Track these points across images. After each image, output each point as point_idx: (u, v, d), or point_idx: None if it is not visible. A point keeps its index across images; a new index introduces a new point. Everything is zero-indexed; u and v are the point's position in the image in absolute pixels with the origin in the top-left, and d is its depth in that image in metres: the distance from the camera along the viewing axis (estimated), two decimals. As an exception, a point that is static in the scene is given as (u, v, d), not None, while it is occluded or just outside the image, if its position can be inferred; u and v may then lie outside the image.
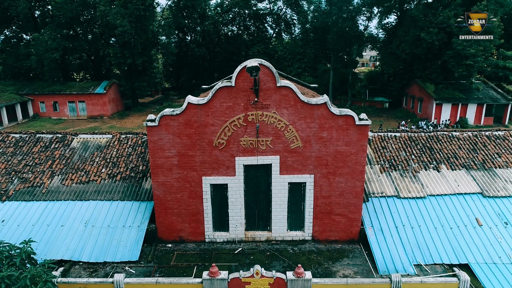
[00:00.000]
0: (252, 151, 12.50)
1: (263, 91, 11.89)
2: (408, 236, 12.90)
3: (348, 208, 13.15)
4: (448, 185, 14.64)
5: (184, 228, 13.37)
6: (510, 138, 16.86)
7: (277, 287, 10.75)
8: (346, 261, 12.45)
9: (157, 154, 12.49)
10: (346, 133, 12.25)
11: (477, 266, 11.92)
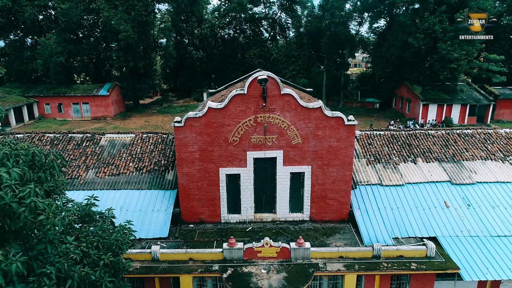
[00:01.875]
0: (261, 147, 15.23)
1: (270, 97, 14.62)
2: (388, 216, 15.72)
3: (339, 194, 15.93)
4: (422, 175, 17.50)
5: (204, 211, 16.06)
6: (477, 136, 19.78)
7: (282, 254, 13.49)
8: (338, 236, 15.23)
9: (182, 149, 15.17)
10: (337, 131, 15.03)
11: (443, 238, 14.76)
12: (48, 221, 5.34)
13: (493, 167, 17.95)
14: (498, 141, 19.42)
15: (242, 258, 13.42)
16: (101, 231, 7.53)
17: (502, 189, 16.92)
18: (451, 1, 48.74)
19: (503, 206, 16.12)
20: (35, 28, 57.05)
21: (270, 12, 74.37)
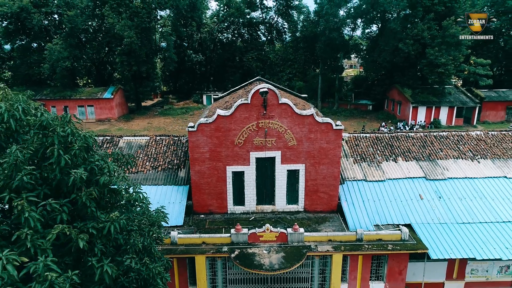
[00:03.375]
0: (262, 148, 17.84)
1: (270, 106, 17.23)
2: (371, 206, 18.37)
3: (329, 188, 18.57)
4: (401, 172, 20.18)
5: (213, 203, 18.66)
6: (451, 138, 22.49)
7: (281, 238, 16.11)
8: (327, 223, 17.87)
9: (195, 150, 17.75)
10: (326, 134, 17.66)
11: (416, 225, 17.43)
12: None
13: (463, 165, 20.67)
14: (469, 143, 22.15)
15: (247, 241, 16.02)
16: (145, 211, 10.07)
17: (470, 184, 19.64)
18: (438, 9, 51.62)
19: (469, 198, 18.84)
20: (42, 34, 59.32)
21: (267, 17, 76.99)
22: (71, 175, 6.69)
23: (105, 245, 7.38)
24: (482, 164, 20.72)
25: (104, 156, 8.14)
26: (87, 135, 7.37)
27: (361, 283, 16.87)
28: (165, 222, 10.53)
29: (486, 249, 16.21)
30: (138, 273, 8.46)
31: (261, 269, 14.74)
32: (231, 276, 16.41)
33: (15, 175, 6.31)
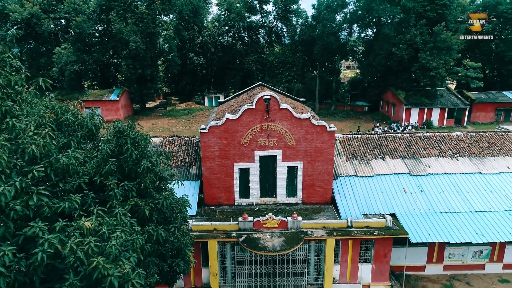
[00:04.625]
0: (265, 147, 20.35)
1: (272, 111, 19.75)
2: (360, 198, 20.90)
3: (324, 182, 21.09)
4: (388, 168, 22.73)
5: (221, 196, 21.16)
6: (434, 138, 25.05)
7: (282, 225, 18.60)
8: (322, 213, 20.39)
9: (206, 149, 20.26)
10: (321, 135, 20.18)
11: (399, 214, 19.96)
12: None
13: (443, 162, 23.23)
14: (450, 142, 24.71)
15: (252, 228, 18.52)
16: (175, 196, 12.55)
17: (448, 179, 22.19)
18: (430, 15, 54.21)
19: (447, 191, 21.39)
20: (51, 39, 61.71)
21: (267, 21, 79.49)
22: (140, 165, 9.17)
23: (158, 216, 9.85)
24: (460, 162, 23.29)
25: (157, 152, 10.65)
26: (148, 138, 9.86)
27: (351, 265, 19.40)
28: (189, 207, 13.00)
29: (459, 234, 18.73)
30: (172, 244, 10.94)
31: (265, 251, 17.25)
32: (238, 258, 18.92)
33: (104, 165, 8.78)
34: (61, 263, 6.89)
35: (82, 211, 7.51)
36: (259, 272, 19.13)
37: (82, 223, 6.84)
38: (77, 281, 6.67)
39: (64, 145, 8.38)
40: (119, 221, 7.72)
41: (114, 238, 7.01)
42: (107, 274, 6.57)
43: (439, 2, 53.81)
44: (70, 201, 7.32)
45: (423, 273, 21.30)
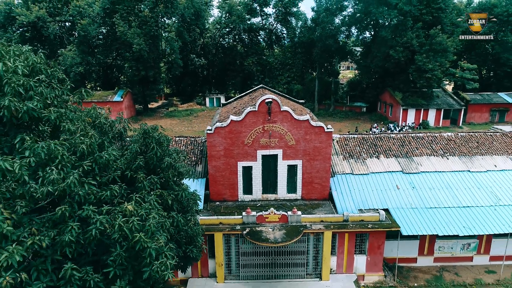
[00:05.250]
0: (267, 147, 21.79)
1: (273, 113, 21.19)
2: (356, 195, 22.35)
3: (322, 180, 22.53)
4: (382, 167, 24.18)
5: (226, 193, 22.60)
6: (426, 138, 26.50)
7: (282, 219, 20.04)
8: (320, 208, 21.83)
9: (212, 149, 21.69)
10: (319, 136, 21.63)
11: (392, 209, 21.41)
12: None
13: (434, 161, 24.68)
14: (441, 142, 26.16)
15: (255, 222, 19.95)
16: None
17: (439, 176, 23.64)
18: (426, 18, 55.69)
19: (437, 188, 22.84)
20: (56, 41, 63.13)
21: (267, 23, 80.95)
22: (163, 162, 10.61)
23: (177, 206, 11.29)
24: (450, 160, 24.74)
25: (176, 150, 12.11)
26: (169, 138, 11.30)
27: (347, 256, 20.85)
28: (199, 201, 14.44)
29: (447, 227, 20.18)
30: (186, 232, 12.37)
31: (267, 242, 18.70)
32: (242, 249, 20.36)
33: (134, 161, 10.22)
34: (107, 239, 8.34)
35: (119, 199, 8.98)
36: (262, 262, 20.57)
37: (125, 207, 8.30)
38: (122, 252, 8.12)
39: (99, 145, 9.78)
40: (152, 206, 9.17)
41: (150, 219, 8.46)
42: (146, 247, 8.02)
43: (435, 5, 55.31)
44: (111, 190, 8.79)
45: (414, 264, 22.74)
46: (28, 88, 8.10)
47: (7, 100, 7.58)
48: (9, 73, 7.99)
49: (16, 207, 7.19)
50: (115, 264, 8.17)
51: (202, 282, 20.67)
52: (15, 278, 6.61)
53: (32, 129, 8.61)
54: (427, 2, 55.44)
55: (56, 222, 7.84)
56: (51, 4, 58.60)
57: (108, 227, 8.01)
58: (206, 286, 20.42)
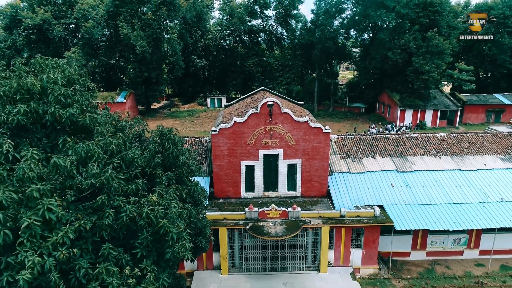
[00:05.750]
0: (268, 147, 23.06)
1: (274, 115, 22.46)
2: (353, 192, 23.61)
3: (320, 178, 23.79)
4: (378, 166, 25.44)
5: (229, 190, 23.87)
6: (420, 139, 27.76)
7: (283, 215, 21.30)
8: (319, 205, 23.11)
9: (216, 148, 22.96)
10: (318, 136, 22.89)
11: (387, 206, 22.66)
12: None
13: (427, 160, 25.94)
14: (434, 142, 27.42)
15: (257, 217, 21.21)
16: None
17: (431, 175, 24.90)
18: (423, 21, 56.96)
19: (429, 186, 24.11)
20: (61, 43, 64.39)
21: (267, 25, 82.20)
22: (178, 160, 11.87)
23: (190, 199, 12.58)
24: (443, 160, 26.01)
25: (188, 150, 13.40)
26: (183, 139, 12.56)
27: (344, 250, 22.11)
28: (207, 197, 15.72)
29: (438, 222, 21.43)
30: (195, 224, 13.63)
31: (269, 236, 19.96)
32: (245, 243, 21.62)
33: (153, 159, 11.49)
34: (134, 226, 9.61)
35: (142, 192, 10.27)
36: (263, 256, 21.84)
37: (150, 198, 9.59)
38: (148, 236, 9.40)
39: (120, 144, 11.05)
40: (172, 197, 10.44)
41: (172, 208, 9.74)
42: (169, 231, 9.30)
43: (431, 9, 56.56)
44: (136, 184, 10.07)
45: (408, 258, 24.01)
46: (67, 96, 9.42)
47: (53, 107, 8.91)
48: (51, 84, 9.30)
49: (66, 196, 8.50)
50: (142, 246, 9.51)
51: (207, 274, 21.94)
52: (69, 252, 8.00)
53: (70, 132, 9.88)
54: (424, 5, 56.68)
55: (95, 209, 9.16)
56: (56, 7, 59.84)
57: (136, 215, 9.31)
58: (211, 278, 21.69)
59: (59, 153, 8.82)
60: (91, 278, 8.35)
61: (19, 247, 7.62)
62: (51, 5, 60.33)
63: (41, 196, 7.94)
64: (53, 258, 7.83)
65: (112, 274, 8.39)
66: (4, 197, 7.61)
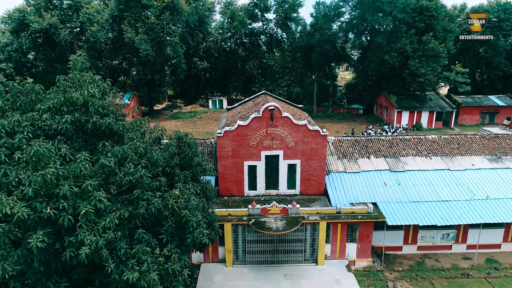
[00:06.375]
0: (269, 148, 24.75)
1: (275, 118, 24.15)
2: (348, 190, 25.32)
3: (318, 177, 25.49)
4: (372, 166, 27.14)
5: (233, 189, 25.57)
6: (412, 140, 29.47)
7: (283, 211, 22.98)
8: (317, 203, 24.80)
9: (221, 150, 24.65)
10: (316, 138, 24.59)
11: (380, 203, 24.36)
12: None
13: (419, 161, 27.64)
14: (425, 144, 29.13)
15: (260, 214, 22.90)
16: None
17: (422, 174, 26.61)
18: (419, 25, 58.63)
19: (420, 185, 25.81)
20: (67, 46, 66.05)
21: (268, 28, 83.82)
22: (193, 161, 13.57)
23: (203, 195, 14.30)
24: (433, 160, 27.71)
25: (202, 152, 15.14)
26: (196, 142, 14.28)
27: (340, 244, 23.81)
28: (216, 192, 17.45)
29: (427, 218, 23.13)
30: (206, 218, 15.32)
31: (270, 231, 21.66)
32: (248, 238, 23.31)
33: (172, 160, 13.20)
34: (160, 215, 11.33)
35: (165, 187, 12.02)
36: (265, 249, 23.53)
37: (174, 192, 11.30)
38: (172, 224, 11.12)
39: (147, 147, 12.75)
40: (191, 192, 12.15)
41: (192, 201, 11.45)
42: (190, 220, 11.00)
43: (427, 13, 58.24)
44: (159, 181, 11.79)
45: (400, 252, 25.68)
46: (104, 107, 11.12)
47: (94, 117, 10.66)
48: (90, 97, 11.02)
49: (110, 190, 10.23)
50: (167, 233, 11.25)
51: (213, 267, 23.63)
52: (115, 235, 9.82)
53: (103, 137, 11.59)
54: (420, 10, 58.35)
55: (130, 201, 10.87)
56: (62, 12, 61.50)
57: (161, 207, 11.03)
58: (217, 269, 23.38)
59: (97, 155, 10.53)
60: (129, 256, 10.07)
61: (78, 229, 9.33)
62: (58, 9, 62.02)
63: (93, 189, 9.70)
64: (103, 238, 9.54)
65: (146, 253, 10.15)
66: (68, 190, 9.47)
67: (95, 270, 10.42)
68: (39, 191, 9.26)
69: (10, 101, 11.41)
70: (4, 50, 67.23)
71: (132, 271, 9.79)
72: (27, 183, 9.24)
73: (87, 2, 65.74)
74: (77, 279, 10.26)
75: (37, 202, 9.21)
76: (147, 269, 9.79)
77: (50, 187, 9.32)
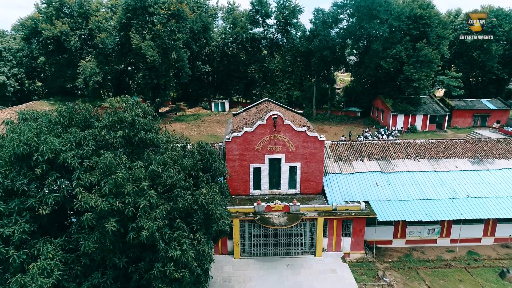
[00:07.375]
0: (273, 152, 27.57)
1: (278, 125, 26.97)
2: (344, 190, 28.13)
3: (316, 178, 28.29)
4: (365, 167, 29.95)
5: (240, 189, 28.38)
6: (402, 144, 32.29)
7: (285, 209, 25.79)
8: (315, 201, 27.61)
9: (229, 153, 27.47)
10: (314, 143, 27.40)
11: (372, 201, 27.16)
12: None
13: (408, 163, 30.46)
14: (415, 148, 31.94)
15: (264, 211, 25.70)
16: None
17: (411, 175, 29.41)
18: (413, 33, 61.48)
19: (408, 185, 28.62)
20: (76, 52, 68.87)
21: (269, 33, 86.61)
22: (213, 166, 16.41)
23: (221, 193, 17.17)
24: (421, 162, 30.53)
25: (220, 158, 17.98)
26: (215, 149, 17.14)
27: (336, 237, 26.62)
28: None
29: (414, 215, 25.93)
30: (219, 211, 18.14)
31: (274, 225, 24.47)
32: (254, 232, 26.12)
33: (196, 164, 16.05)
34: (190, 209, 14.18)
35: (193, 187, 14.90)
36: (269, 242, 26.34)
37: (202, 191, 14.15)
38: (201, 215, 13.95)
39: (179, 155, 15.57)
40: (215, 191, 14.99)
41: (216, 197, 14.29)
42: (215, 212, 13.83)
43: (421, 21, 61.07)
44: (188, 182, 14.63)
45: (390, 246, 28.48)
46: (147, 124, 13.98)
47: (141, 133, 13.52)
48: (136, 116, 13.88)
49: (157, 189, 13.07)
50: (196, 223, 14.07)
51: (222, 258, 26.43)
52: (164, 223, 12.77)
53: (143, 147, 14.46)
54: (415, 18, 61.16)
55: (170, 198, 13.72)
56: (73, 20, 64.25)
57: (192, 202, 13.88)
58: (226, 261, 26.18)
59: (144, 162, 13.43)
60: (172, 239, 12.94)
61: (138, 218, 12.23)
62: (68, 17, 64.80)
63: (147, 189, 12.52)
64: (155, 225, 12.48)
65: (184, 237, 12.99)
66: (131, 189, 12.41)
67: (145, 250, 13.22)
68: (112, 190, 12.16)
69: (67, 117, 14.22)
70: (16, 56, 69.97)
71: (175, 250, 12.62)
72: (102, 184, 12.18)
73: (95, 10, 68.47)
74: (132, 257, 13.14)
75: (110, 197, 12.18)
76: (185, 249, 12.66)
77: (119, 187, 12.24)
